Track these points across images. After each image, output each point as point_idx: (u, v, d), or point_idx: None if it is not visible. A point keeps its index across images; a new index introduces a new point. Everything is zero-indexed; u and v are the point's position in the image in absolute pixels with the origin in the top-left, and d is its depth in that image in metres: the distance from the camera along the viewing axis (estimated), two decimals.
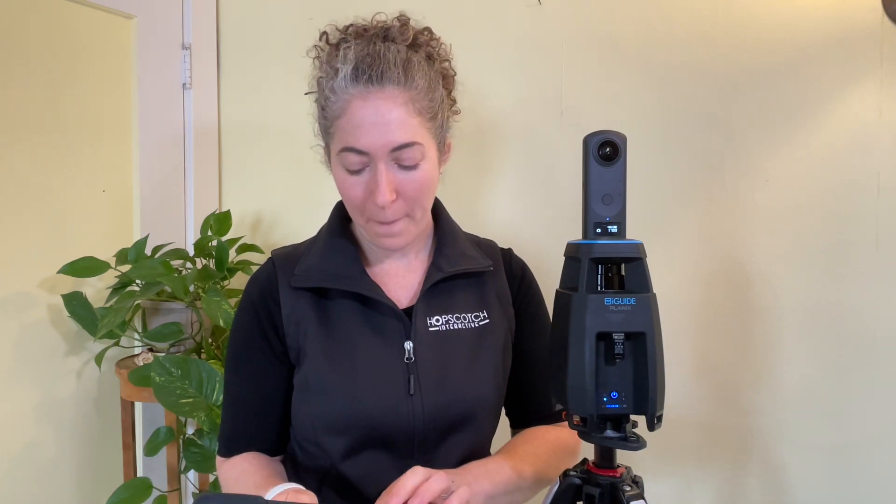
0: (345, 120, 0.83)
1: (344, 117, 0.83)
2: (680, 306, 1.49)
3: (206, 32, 1.63)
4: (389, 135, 0.81)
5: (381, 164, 0.82)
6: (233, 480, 0.93)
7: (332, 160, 0.89)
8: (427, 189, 0.87)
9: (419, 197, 0.86)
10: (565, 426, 1.04)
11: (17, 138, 1.33)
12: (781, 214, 1.45)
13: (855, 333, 1.43)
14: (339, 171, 0.86)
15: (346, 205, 0.89)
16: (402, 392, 0.88)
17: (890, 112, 1.39)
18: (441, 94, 0.89)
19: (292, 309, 0.91)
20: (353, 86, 0.82)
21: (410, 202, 0.86)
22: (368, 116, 0.81)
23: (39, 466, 1.38)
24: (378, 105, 0.81)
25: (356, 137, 0.82)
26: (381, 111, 0.81)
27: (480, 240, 1.04)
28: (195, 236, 1.57)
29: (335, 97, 0.83)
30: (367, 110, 0.81)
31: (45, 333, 1.39)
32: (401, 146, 0.82)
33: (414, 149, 0.83)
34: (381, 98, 0.81)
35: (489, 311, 0.96)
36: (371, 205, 0.84)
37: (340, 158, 0.84)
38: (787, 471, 1.48)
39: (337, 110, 0.83)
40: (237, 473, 0.93)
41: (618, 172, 0.76)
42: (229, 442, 0.96)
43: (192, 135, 1.61)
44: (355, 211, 0.88)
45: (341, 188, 0.87)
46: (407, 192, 0.85)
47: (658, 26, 1.48)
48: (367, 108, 0.81)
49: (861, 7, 1.39)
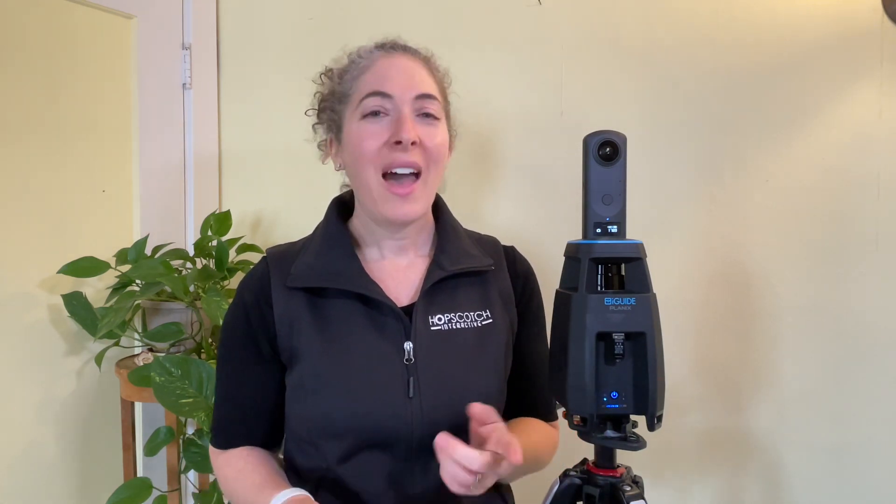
0: (370, 73, 0.88)
1: (369, 72, 0.88)
2: (680, 306, 1.49)
3: (206, 32, 1.63)
4: (414, 83, 0.87)
5: (405, 108, 0.86)
6: (231, 480, 0.93)
7: (346, 122, 0.90)
8: (442, 150, 0.90)
9: (436, 153, 0.89)
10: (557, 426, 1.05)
11: (17, 138, 1.32)
12: (781, 214, 1.45)
13: (855, 333, 1.43)
14: (356, 124, 0.88)
15: (359, 161, 0.87)
16: (402, 395, 0.86)
17: (890, 112, 1.39)
18: (448, 97, 0.96)
19: (285, 309, 0.90)
20: (380, 50, 0.91)
21: (427, 155, 0.87)
22: (395, 67, 0.88)
23: (39, 466, 1.38)
24: (403, 61, 0.89)
25: (382, 83, 0.87)
26: (407, 66, 0.89)
27: (482, 237, 1.03)
28: (195, 236, 1.57)
29: (359, 59, 0.90)
30: (393, 63, 0.89)
31: (45, 333, 1.39)
32: (424, 94, 0.87)
33: (435, 102, 0.89)
34: (405, 58, 0.90)
35: (492, 311, 0.94)
36: (388, 151, 0.86)
37: (361, 107, 0.87)
38: (787, 471, 1.48)
39: (362, 68, 0.89)
40: (234, 473, 0.93)
41: (618, 172, 0.76)
42: (221, 434, 0.96)
43: (192, 135, 1.61)
44: (369, 163, 0.87)
45: (357, 140, 0.87)
46: (426, 143, 0.87)
47: (658, 26, 1.48)
48: (394, 62, 0.89)
49: (861, 7, 1.39)
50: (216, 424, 0.97)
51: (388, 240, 0.94)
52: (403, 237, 0.94)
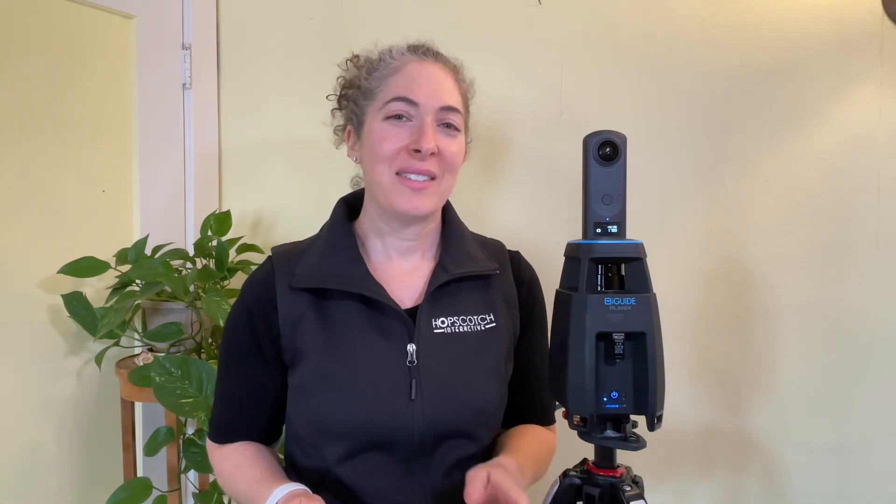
0: (399, 76, 0.89)
1: (398, 74, 0.89)
2: (680, 306, 1.49)
3: (206, 32, 1.63)
4: (441, 94, 0.89)
5: (428, 117, 0.87)
6: (228, 475, 0.93)
7: (368, 119, 0.91)
8: (458, 160, 0.91)
9: (451, 162, 0.89)
10: (554, 430, 1.05)
11: (17, 138, 1.32)
12: (781, 214, 1.45)
13: (855, 333, 1.43)
14: (378, 124, 0.89)
15: (375, 159, 0.88)
16: (403, 397, 0.86)
17: (890, 112, 1.39)
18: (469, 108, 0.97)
19: (289, 310, 0.90)
20: (411, 54, 0.91)
21: (444, 164, 0.88)
22: (424, 75, 0.89)
23: (39, 466, 1.37)
24: (433, 70, 0.90)
25: (410, 89, 0.88)
26: (436, 75, 0.90)
27: (487, 240, 1.03)
28: (195, 236, 1.57)
29: (390, 59, 0.90)
30: (423, 70, 0.90)
31: (45, 333, 1.39)
32: (449, 107, 0.89)
33: (458, 115, 0.91)
34: (435, 66, 0.91)
35: (495, 314, 0.95)
36: (406, 156, 0.87)
37: (386, 109, 0.88)
38: (787, 471, 1.48)
39: (392, 69, 0.90)
40: (231, 468, 0.92)
41: (618, 172, 0.76)
42: (219, 429, 0.96)
43: (192, 135, 1.61)
44: (385, 163, 0.88)
45: (377, 140, 0.88)
46: (444, 153, 0.88)
47: (658, 26, 1.48)
48: (424, 69, 0.90)
49: (861, 7, 1.39)
50: (215, 419, 0.97)
51: (395, 239, 0.94)
52: (410, 238, 0.94)
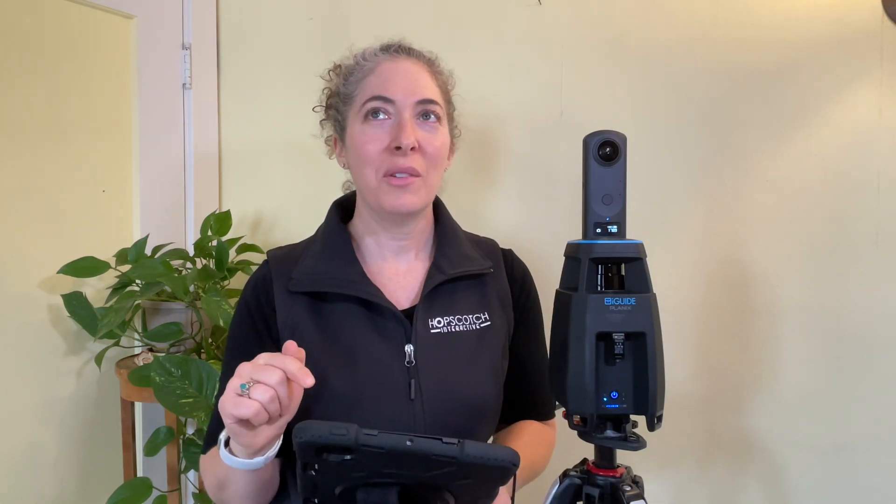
0: (373, 76, 0.89)
1: (373, 75, 0.90)
2: (680, 306, 1.49)
3: (206, 32, 1.63)
4: (416, 88, 0.88)
5: (405, 112, 0.87)
6: (209, 465, 0.89)
7: (349, 124, 0.91)
8: (441, 155, 0.91)
9: (435, 156, 0.89)
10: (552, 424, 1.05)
11: (17, 138, 1.32)
12: (781, 214, 1.45)
13: (855, 333, 1.43)
14: (358, 127, 0.89)
15: (361, 163, 0.89)
16: (403, 397, 0.87)
17: (890, 112, 1.39)
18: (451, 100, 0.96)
19: (288, 313, 0.90)
20: (384, 53, 0.92)
21: (427, 159, 0.88)
22: (398, 72, 0.89)
23: (39, 466, 1.37)
24: (407, 66, 0.90)
25: (385, 88, 0.88)
26: (410, 71, 0.90)
27: (480, 239, 1.03)
28: (195, 236, 1.57)
29: (364, 62, 0.91)
30: (396, 68, 0.90)
31: (45, 333, 1.39)
32: (426, 100, 0.88)
33: (436, 107, 0.90)
34: (409, 62, 0.91)
35: (490, 313, 0.95)
36: (388, 155, 0.86)
37: (364, 109, 0.88)
38: (787, 471, 1.48)
39: (366, 71, 0.90)
40: (211, 454, 0.88)
41: (618, 172, 0.76)
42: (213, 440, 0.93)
43: (192, 135, 1.61)
44: (371, 166, 0.88)
45: (359, 143, 0.88)
46: (426, 148, 0.88)
47: (658, 26, 1.48)
48: (398, 66, 0.90)
49: (861, 7, 1.39)
50: (211, 431, 0.92)
51: (389, 239, 0.94)
52: (404, 237, 0.94)
